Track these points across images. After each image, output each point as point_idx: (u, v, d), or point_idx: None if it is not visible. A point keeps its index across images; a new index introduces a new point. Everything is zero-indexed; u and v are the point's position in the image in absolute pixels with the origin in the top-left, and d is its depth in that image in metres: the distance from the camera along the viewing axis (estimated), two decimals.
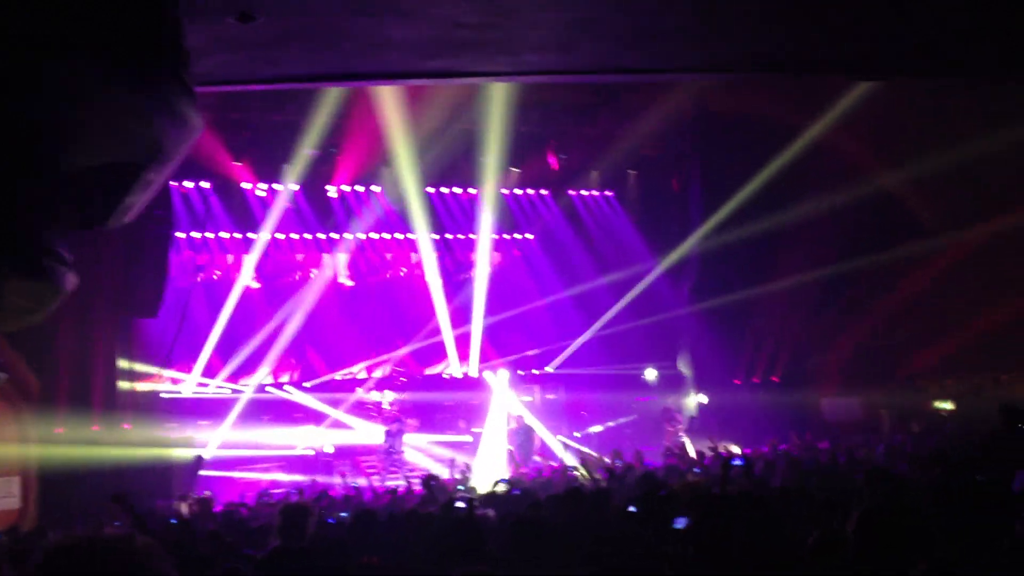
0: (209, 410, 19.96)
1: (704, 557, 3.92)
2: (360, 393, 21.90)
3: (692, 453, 15.47)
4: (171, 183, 18.15)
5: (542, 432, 21.12)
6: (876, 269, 19.27)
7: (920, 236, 18.83)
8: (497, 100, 18.76)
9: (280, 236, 21.31)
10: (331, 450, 20.10)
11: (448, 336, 23.01)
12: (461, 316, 23.21)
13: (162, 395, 19.31)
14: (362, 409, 21.73)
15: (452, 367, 23.03)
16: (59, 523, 11.44)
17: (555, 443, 20.32)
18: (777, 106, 18.58)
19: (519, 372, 23.38)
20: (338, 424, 20.72)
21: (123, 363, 17.79)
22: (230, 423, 19.47)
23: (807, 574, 3.99)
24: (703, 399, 22.16)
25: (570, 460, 16.36)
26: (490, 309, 23.57)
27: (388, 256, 23.37)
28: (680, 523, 6.02)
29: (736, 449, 15.71)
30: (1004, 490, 5.09)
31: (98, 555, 1.57)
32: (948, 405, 19.27)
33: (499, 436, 20.43)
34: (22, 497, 15.04)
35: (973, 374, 18.89)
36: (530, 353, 23.47)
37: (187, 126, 3.72)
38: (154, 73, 3.39)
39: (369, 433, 20.49)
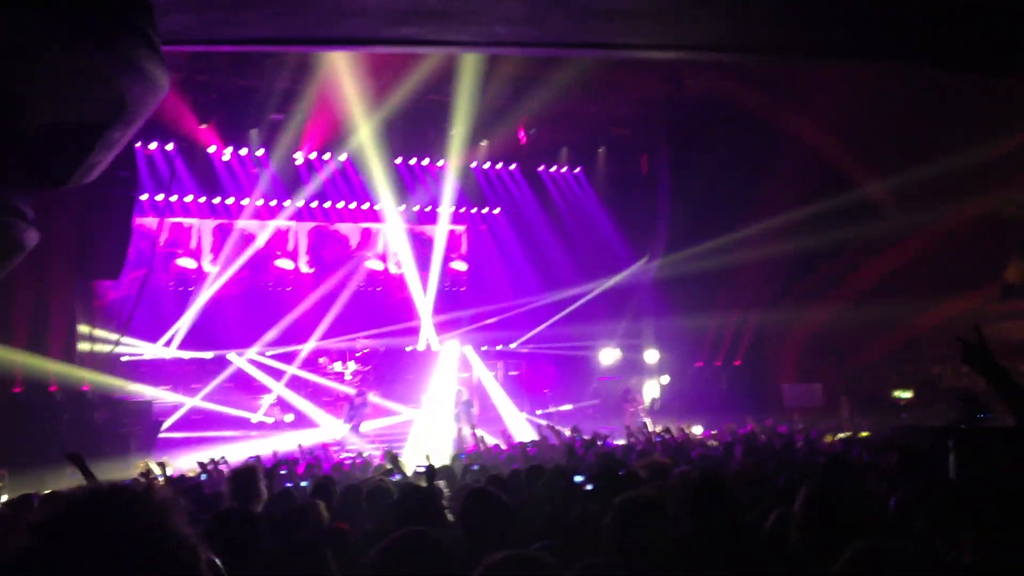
0: (169, 376, 19.85)
1: (658, 544, 3.93)
2: (322, 362, 21.89)
3: (650, 432, 15.58)
4: (135, 144, 17.91)
5: (506, 408, 21.26)
6: (838, 255, 19.43)
7: (882, 223, 18.97)
8: (468, 72, 18.61)
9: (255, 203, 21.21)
10: (291, 419, 20.07)
11: (417, 310, 23.07)
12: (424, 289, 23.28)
13: (123, 359, 19.15)
14: (324, 379, 21.74)
15: (417, 341, 23.04)
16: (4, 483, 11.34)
17: (518, 419, 20.43)
18: (747, 90, 18.62)
19: (482, 348, 23.47)
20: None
21: (83, 327, 17.63)
22: (199, 392, 19.43)
23: (763, 556, 4.02)
24: (665, 381, 22.31)
25: (531, 436, 16.40)
26: (454, 284, 23.63)
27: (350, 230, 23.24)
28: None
29: (697, 431, 15.85)
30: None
31: (121, 504, 1.54)
32: (907, 394, 19.52)
33: (446, 409, 20.54)
34: None
35: (932, 364, 19.14)
36: (489, 322, 23.51)
37: (153, 84, 3.65)
38: (119, 29, 3.32)
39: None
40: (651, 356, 22.95)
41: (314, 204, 21.88)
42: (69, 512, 1.51)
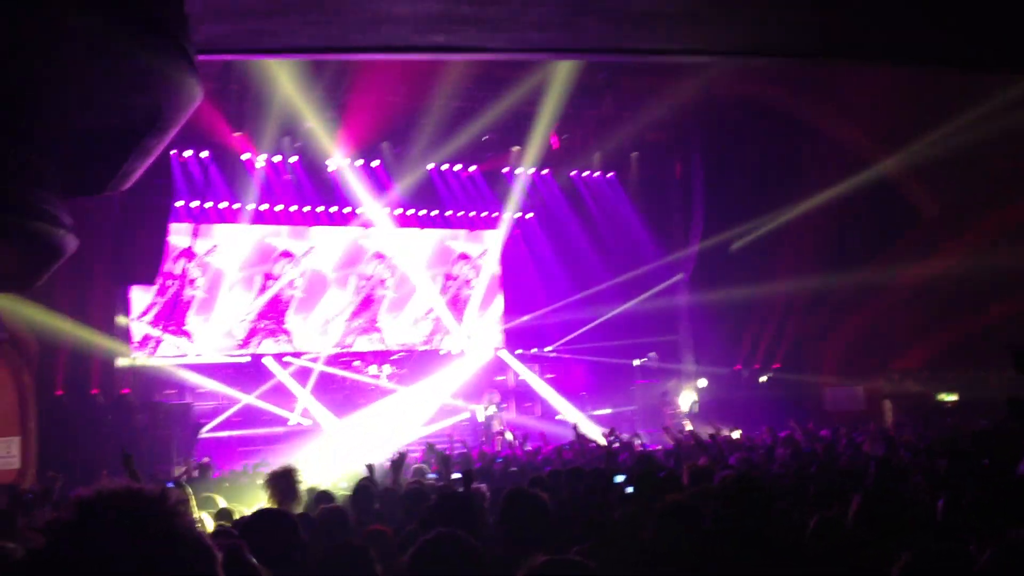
0: (210, 377, 20.03)
1: (702, 541, 3.90)
2: (357, 366, 22.00)
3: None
4: (170, 152, 18.12)
5: (558, 408, 21.39)
6: (878, 257, 19.21)
7: (923, 225, 18.76)
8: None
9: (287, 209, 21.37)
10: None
11: (445, 312, 23.14)
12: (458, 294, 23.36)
13: (161, 360, 19.35)
14: (359, 384, 21.84)
15: (449, 343, 23.07)
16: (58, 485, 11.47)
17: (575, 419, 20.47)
18: (783, 92, 18.49)
19: (516, 352, 23.51)
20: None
21: (121, 319, 17.88)
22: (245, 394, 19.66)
23: (806, 558, 3.98)
24: (703, 384, 22.17)
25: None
26: (489, 288, 23.71)
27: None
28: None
29: (736, 435, 15.73)
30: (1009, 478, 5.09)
31: (135, 507, 1.55)
32: (952, 397, 19.24)
33: (479, 411, 20.79)
34: (21, 458, 15.14)
35: (978, 367, 18.84)
36: (523, 320, 23.58)
37: (187, 93, 3.69)
38: (154, 39, 3.35)
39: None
40: (688, 359, 22.82)
41: (347, 210, 21.95)
42: (81, 514, 1.52)
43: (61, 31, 2.94)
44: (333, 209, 21.80)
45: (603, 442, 13.46)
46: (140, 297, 19.32)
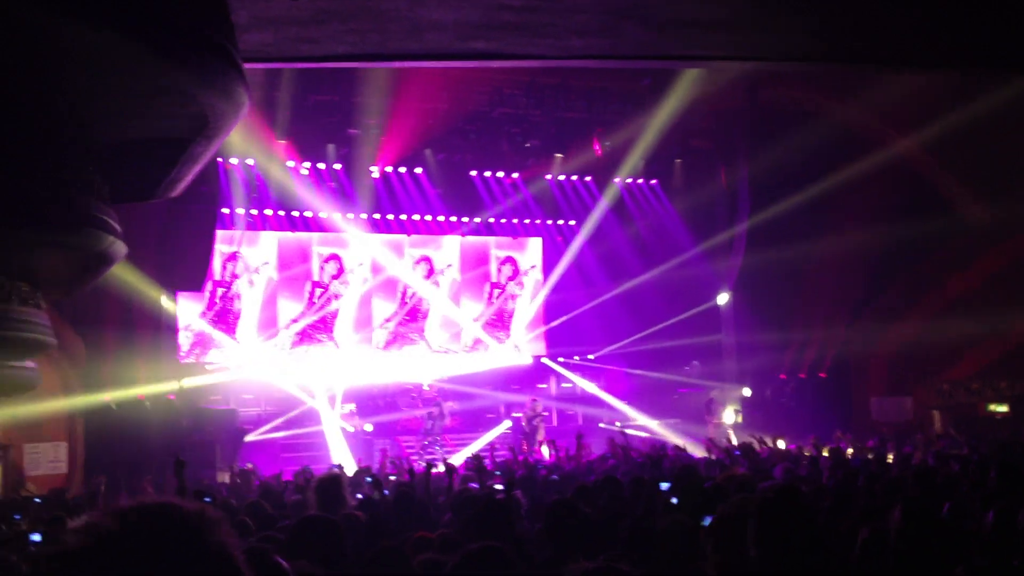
0: (255, 384, 20.18)
1: (742, 557, 3.86)
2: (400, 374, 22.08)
3: (734, 445, 15.35)
4: (217, 159, 18.28)
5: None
6: (926, 264, 18.97)
7: (971, 230, 18.47)
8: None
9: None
10: (370, 429, 20.24)
11: (488, 320, 23.20)
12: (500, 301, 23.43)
13: (207, 367, 19.51)
14: (403, 391, 21.91)
15: (493, 350, 23.09)
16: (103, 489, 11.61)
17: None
18: (826, 98, 18.31)
19: (559, 359, 23.49)
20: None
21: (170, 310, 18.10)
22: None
23: (855, 572, 3.92)
24: (747, 393, 21.97)
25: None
26: (531, 295, 23.74)
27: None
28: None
29: (781, 444, 15.57)
30: None
31: (173, 522, 1.56)
32: (1002, 408, 18.92)
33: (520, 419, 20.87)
34: (68, 463, 15.34)
35: None
36: (558, 322, 23.58)
37: (234, 101, 3.73)
38: (202, 48, 3.39)
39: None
40: (733, 368, 22.63)
41: (390, 216, 22.07)
42: (121, 524, 1.53)
43: (112, 47, 2.98)
44: (376, 216, 21.92)
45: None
46: (186, 304, 19.49)
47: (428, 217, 22.64)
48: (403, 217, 22.37)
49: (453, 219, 22.76)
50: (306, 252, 21.65)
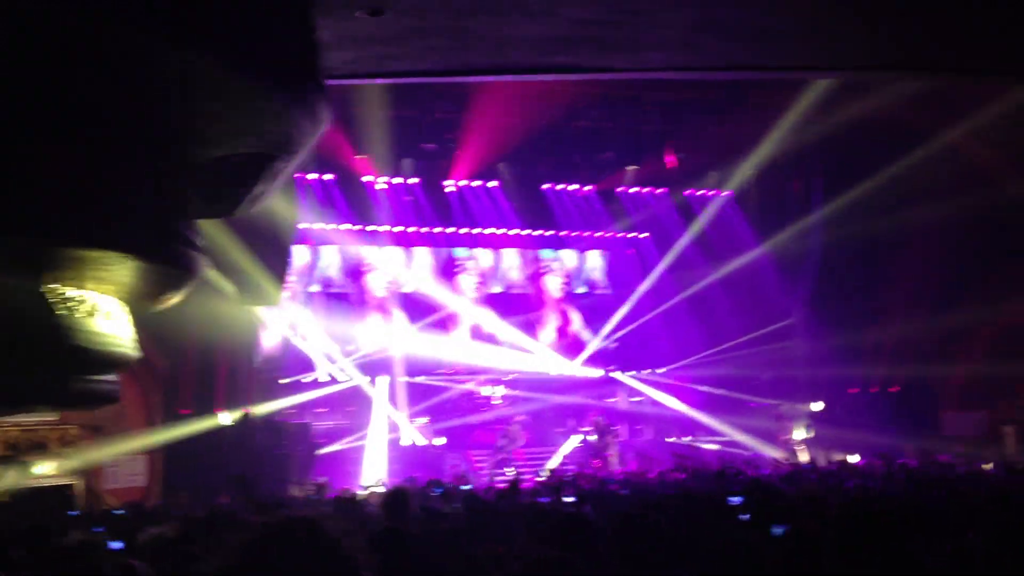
0: (329, 398, 20.43)
1: (820, 571, 3.84)
2: (472, 387, 22.20)
3: (805, 460, 15.17)
4: (295, 174, 18.53)
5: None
6: (1002, 278, 18.51)
7: None
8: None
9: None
10: (442, 442, 20.38)
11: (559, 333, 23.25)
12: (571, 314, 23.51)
13: (282, 382, 19.80)
14: (472, 401, 22.04)
15: (561, 365, 23.08)
16: (181, 502, 11.83)
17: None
18: (905, 110, 17.98)
19: (628, 373, 23.41)
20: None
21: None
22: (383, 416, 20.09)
23: None
24: (819, 407, 21.65)
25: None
26: (605, 307, 23.72)
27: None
28: (778, 530, 5.91)
29: (852, 459, 15.34)
30: None
31: (307, 538, 1.66)
32: None
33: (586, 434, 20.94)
34: (147, 475, 15.67)
35: None
36: (622, 333, 23.51)
37: (317, 118, 3.84)
38: (291, 69, 3.50)
39: None
40: (804, 382, 22.32)
41: (463, 231, 22.28)
42: (264, 539, 1.62)
43: (199, 68, 3.10)
44: (451, 230, 22.15)
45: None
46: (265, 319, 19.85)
47: (501, 231, 22.77)
48: (475, 231, 22.54)
49: (526, 232, 22.87)
50: (378, 266, 21.90)
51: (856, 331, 20.38)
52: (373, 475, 17.26)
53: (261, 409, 17.42)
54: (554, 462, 18.98)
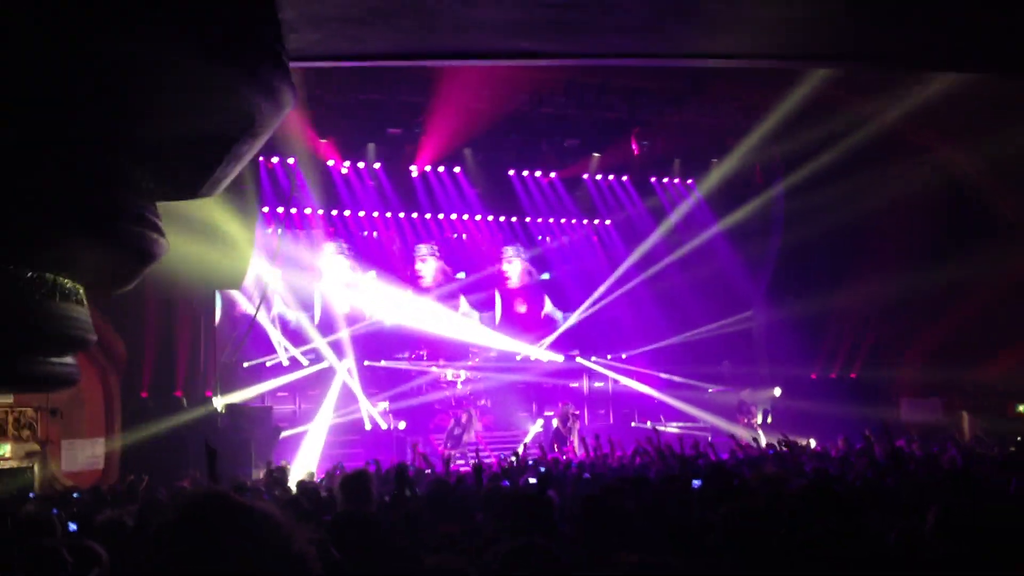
0: (292, 382, 20.34)
1: (779, 550, 3.89)
2: (435, 371, 22.20)
3: (763, 445, 15.32)
4: (258, 158, 18.41)
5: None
6: (959, 266, 18.77)
7: (1005, 234, 18.26)
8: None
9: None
10: (403, 427, 20.37)
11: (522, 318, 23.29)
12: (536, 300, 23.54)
13: (244, 365, 19.70)
14: (434, 386, 22.04)
15: (525, 350, 23.13)
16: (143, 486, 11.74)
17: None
18: (865, 100, 18.15)
19: (592, 358, 23.51)
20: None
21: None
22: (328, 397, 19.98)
23: (886, 572, 3.94)
24: (778, 393, 21.90)
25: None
26: (568, 293, 23.78)
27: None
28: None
29: (811, 444, 15.51)
30: None
31: (236, 515, 1.63)
32: None
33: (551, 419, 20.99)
34: (105, 459, 15.52)
35: None
36: (577, 319, 23.67)
37: (279, 100, 3.80)
38: (251, 47, 3.46)
39: None
40: (764, 368, 22.55)
41: (427, 216, 22.25)
42: (187, 514, 1.60)
43: (158, 46, 3.06)
44: (415, 215, 22.09)
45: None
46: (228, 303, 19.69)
47: (465, 216, 22.76)
48: (440, 216, 22.51)
49: (490, 218, 22.89)
50: (344, 250, 21.81)
51: (816, 317, 20.63)
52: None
53: (223, 393, 17.32)
54: (519, 447, 19.01)
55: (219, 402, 17.06)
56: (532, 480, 8.06)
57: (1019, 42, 5.80)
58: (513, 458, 11.67)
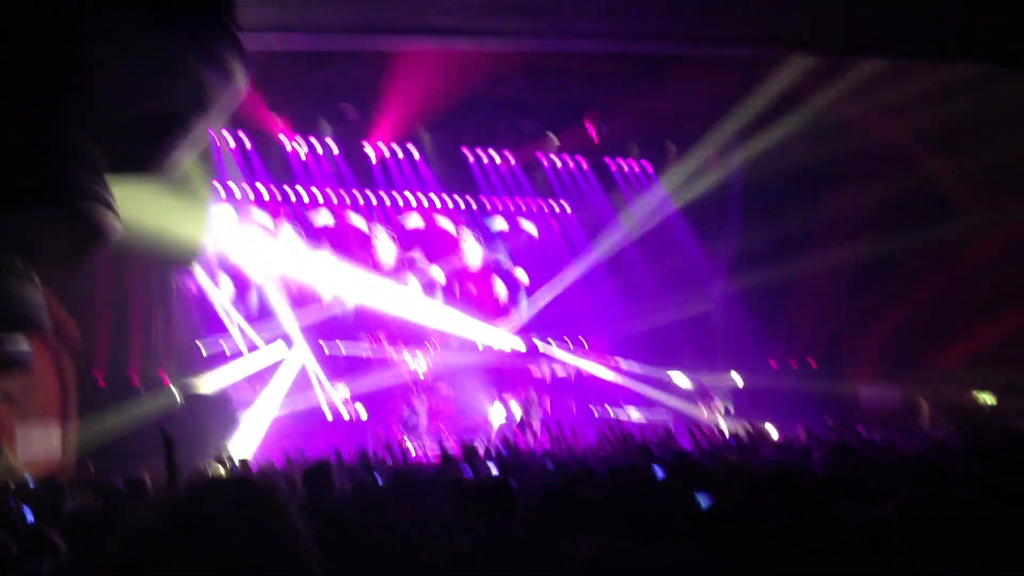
0: (251, 367, 20.13)
1: (743, 539, 3.85)
2: (394, 355, 22.06)
3: (725, 433, 15.40)
4: (212, 135, 18.19)
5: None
6: (917, 253, 18.96)
7: (962, 221, 18.46)
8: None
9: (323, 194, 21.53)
10: (363, 414, 20.25)
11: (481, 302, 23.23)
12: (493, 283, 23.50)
13: (201, 350, 19.44)
14: (393, 371, 21.92)
15: (487, 336, 23.08)
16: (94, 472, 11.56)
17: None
18: (820, 86, 18.24)
19: (553, 344, 23.50)
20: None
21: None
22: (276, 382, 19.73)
23: (851, 560, 3.91)
24: (738, 381, 22.02)
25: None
26: (524, 278, 23.76)
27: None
28: (705, 501, 5.97)
29: (772, 432, 15.60)
30: None
31: (247, 497, 1.58)
32: (989, 398, 18.95)
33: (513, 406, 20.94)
34: (61, 445, 15.25)
35: (1018, 368, 18.57)
36: (540, 305, 23.61)
37: (233, 77, 3.65)
38: (201, 21, 3.32)
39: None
40: (724, 356, 22.66)
41: (383, 195, 22.12)
42: (194, 496, 1.55)
43: (105, 16, 2.93)
44: (370, 194, 21.93)
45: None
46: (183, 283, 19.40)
47: (421, 195, 22.63)
48: (396, 195, 22.36)
49: (447, 199, 22.79)
50: (299, 229, 21.58)
51: (776, 304, 20.76)
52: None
53: (181, 378, 17.10)
54: (482, 434, 18.98)
55: (176, 388, 16.83)
56: (493, 469, 7.98)
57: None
58: (476, 445, 11.59)
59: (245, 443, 17.27)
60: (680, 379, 22.06)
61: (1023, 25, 5.59)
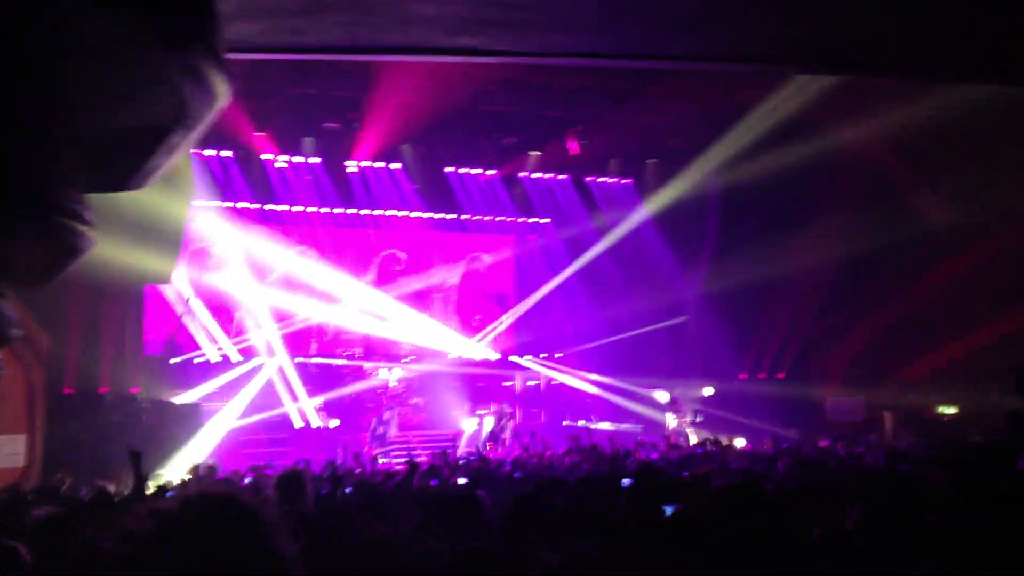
0: (220, 379, 20.04)
1: (704, 549, 3.95)
2: (368, 368, 22.05)
3: (694, 444, 15.52)
4: (192, 151, 18.11)
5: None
6: (886, 270, 19.19)
7: (932, 236, 18.69)
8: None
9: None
10: (336, 424, 20.20)
11: (459, 316, 23.25)
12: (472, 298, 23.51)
13: (171, 361, 19.36)
14: (366, 383, 21.91)
15: (463, 348, 23.10)
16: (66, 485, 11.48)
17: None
18: (804, 105, 18.41)
19: (527, 357, 23.56)
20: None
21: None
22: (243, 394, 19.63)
23: (811, 570, 4.02)
24: (709, 392, 22.16)
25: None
26: (503, 292, 23.78)
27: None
28: (670, 509, 6.06)
29: (740, 443, 15.74)
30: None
31: (233, 516, 1.63)
32: (951, 410, 19.20)
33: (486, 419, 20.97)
34: (27, 455, 15.12)
35: (979, 380, 18.80)
36: (513, 318, 23.75)
37: (214, 92, 3.73)
38: (183, 36, 3.40)
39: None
40: (696, 367, 22.80)
41: (364, 211, 22.10)
42: (183, 513, 1.59)
43: (86, 30, 3.01)
44: (352, 211, 21.92)
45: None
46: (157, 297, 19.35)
47: (403, 213, 22.66)
48: (376, 212, 22.38)
49: (427, 215, 22.82)
50: (278, 245, 21.60)
51: (747, 317, 20.93)
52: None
53: (150, 389, 17.01)
54: (452, 447, 19.00)
55: (145, 398, 16.76)
56: (462, 480, 8.06)
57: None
58: (444, 457, 11.65)
59: (212, 451, 17.13)
60: (657, 394, 22.13)
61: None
